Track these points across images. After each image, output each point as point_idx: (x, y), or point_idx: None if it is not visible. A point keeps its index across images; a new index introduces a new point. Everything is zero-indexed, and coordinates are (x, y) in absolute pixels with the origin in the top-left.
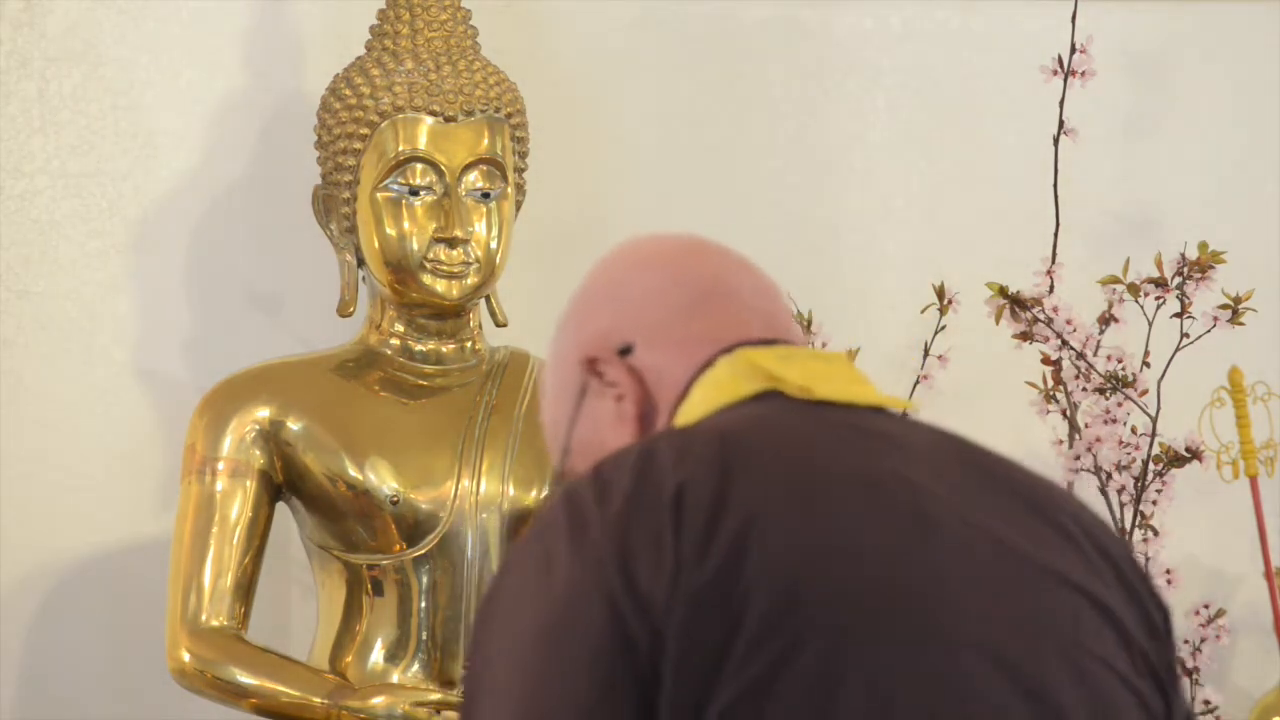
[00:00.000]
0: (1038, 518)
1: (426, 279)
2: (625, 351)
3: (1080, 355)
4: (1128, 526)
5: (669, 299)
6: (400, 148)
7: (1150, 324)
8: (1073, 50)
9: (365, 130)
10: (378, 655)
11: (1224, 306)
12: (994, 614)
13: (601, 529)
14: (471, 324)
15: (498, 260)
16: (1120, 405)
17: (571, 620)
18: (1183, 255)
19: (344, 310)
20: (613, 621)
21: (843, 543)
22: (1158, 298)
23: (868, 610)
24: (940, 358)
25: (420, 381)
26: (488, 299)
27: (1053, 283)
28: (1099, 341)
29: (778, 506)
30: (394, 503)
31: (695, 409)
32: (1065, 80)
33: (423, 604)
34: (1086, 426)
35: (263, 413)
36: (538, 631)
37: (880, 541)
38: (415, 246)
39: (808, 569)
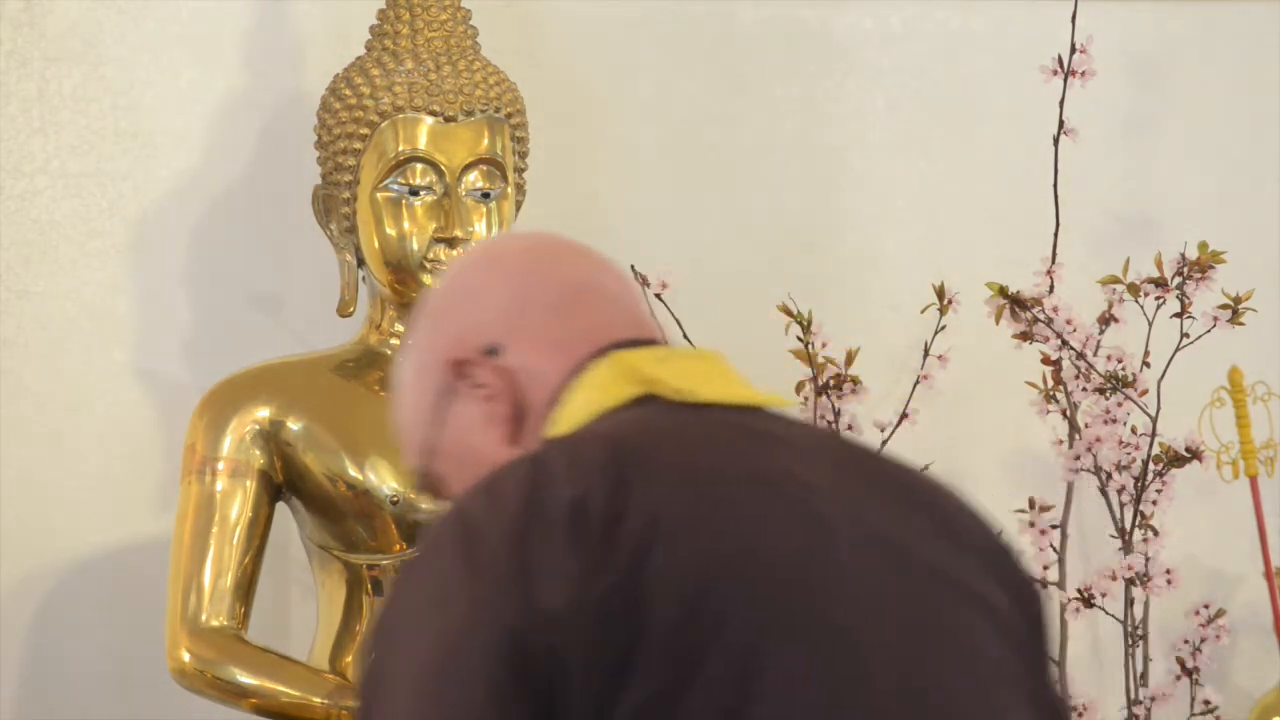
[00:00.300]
0: (919, 513)
1: (426, 279)
2: (492, 352)
3: (1080, 355)
4: (1128, 526)
5: (536, 299)
6: (400, 148)
7: (1150, 324)
8: (1073, 50)
9: (365, 130)
10: None
11: (1224, 306)
12: (891, 614)
13: (495, 546)
14: None
15: None
16: (1120, 405)
17: (467, 646)
18: (1183, 255)
19: (344, 310)
20: (510, 642)
21: (746, 545)
22: (1158, 298)
23: (776, 612)
24: (940, 358)
25: None
26: None
27: (1053, 283)
28: (1099, 341)
29: (678, 511)
30: (394, 503)
31: (575, 414)
32: (1065, 80)
33: None
34: (1086, 426)
35: (263, 413)
36: (433, 657)
37: (783, 542)
38: (415, 246)
39: (713, 573)
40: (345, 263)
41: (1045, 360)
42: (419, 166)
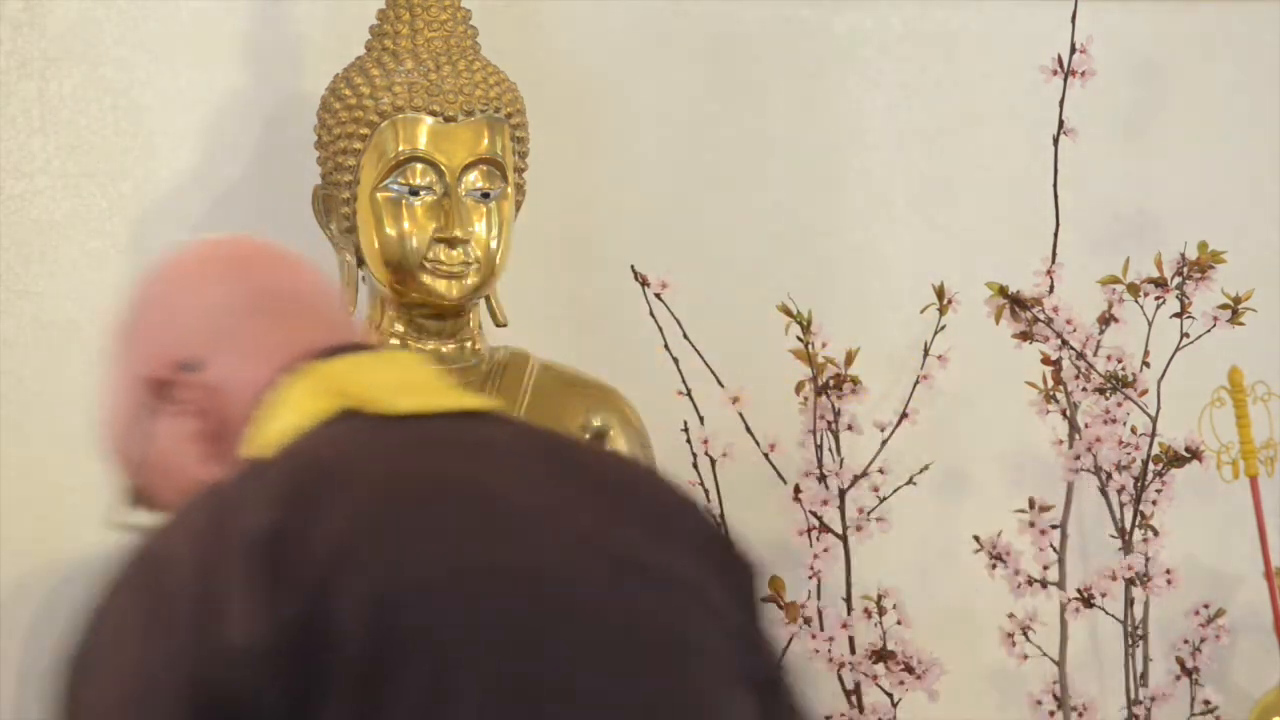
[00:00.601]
0: (626, 507)
1: (426, 279)
2: (191, 368)
3: (1080, 355)
4: (1128, 526)
5: (231, 309)
6: (400, 148)
7: (1150, 324)
8: (1073, 50)
9: (365, 130)
10: None
11: (1224, 306)
12: (596, 613)
13: (179, 583)
14: (471, 324)
15: (497, 260)
16: (1120, 405)
17: (152, 689)
18: (1183, 255)
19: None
20: (192, 685)
21: (437, 564)
22: (1158, 298)
23: (471, 626)
24: (940, 358)
25: None
26: (487, 299)
27: (1053, 283)
28: (1099, 341)
29: (365, 534)
30: None
31: (271, 433)
32: (1065, 80)
33: None
34: (1086, 426)
35: None
36: (121, 698)
37: (476, 557)
38: (415, 246)
39: (401, 595)
40: (345, 263)
41: (1045, 360)
42: (419, 166)
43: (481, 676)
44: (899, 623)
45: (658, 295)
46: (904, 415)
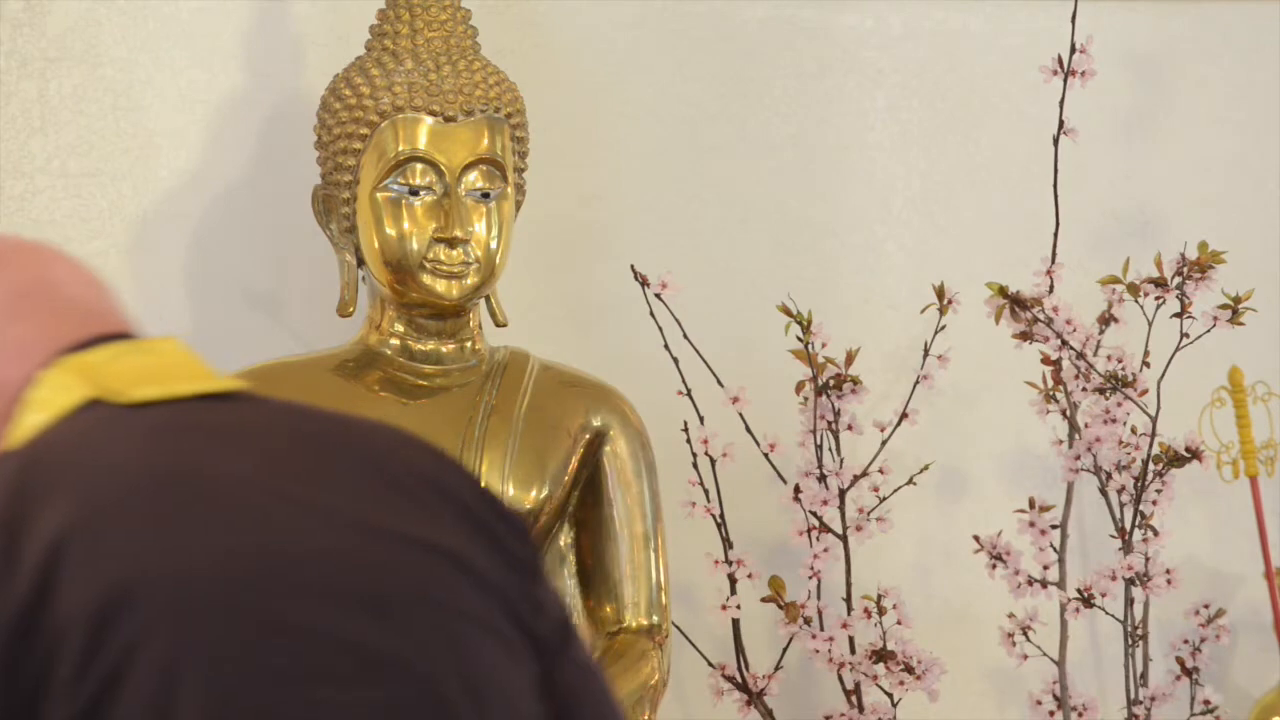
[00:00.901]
0: (382, 482)
1: (426, 279)
2: None
3: (1080, 355)
4: (1128, 526)
5: None
6: (400, 148)
7: (1150, 324)
8: (1073, 50)
9: (365, 130)
10: None
11: (1224, 306)
12: (339, 591)
13: None
14: (471, 324)
15: (497, 260)
16: (1120, 405)
17: None
18: (1183, 255)
19: (344, 310)
20: None
21: (165, 550)
22: (1158, 298)
23: (200, 611)
24: (940, 358)
25: (420, 382)
26: (488, 299)
27: (1053, 283)
28: (1099, 341)
29: (94, 526)
30: None
31: (23, 430)
32: (1065, 80)
33: None
34: (1086, 426)
35: None
36: None
37: (205, 541)
38: (415, 246)
39: (135, 582)
40: (345, 263)
41: (1045, 360)
42: (419, 166)
43: (209, 671)
44: (899, 623)
45: (658, 295)
46: (904, 415)
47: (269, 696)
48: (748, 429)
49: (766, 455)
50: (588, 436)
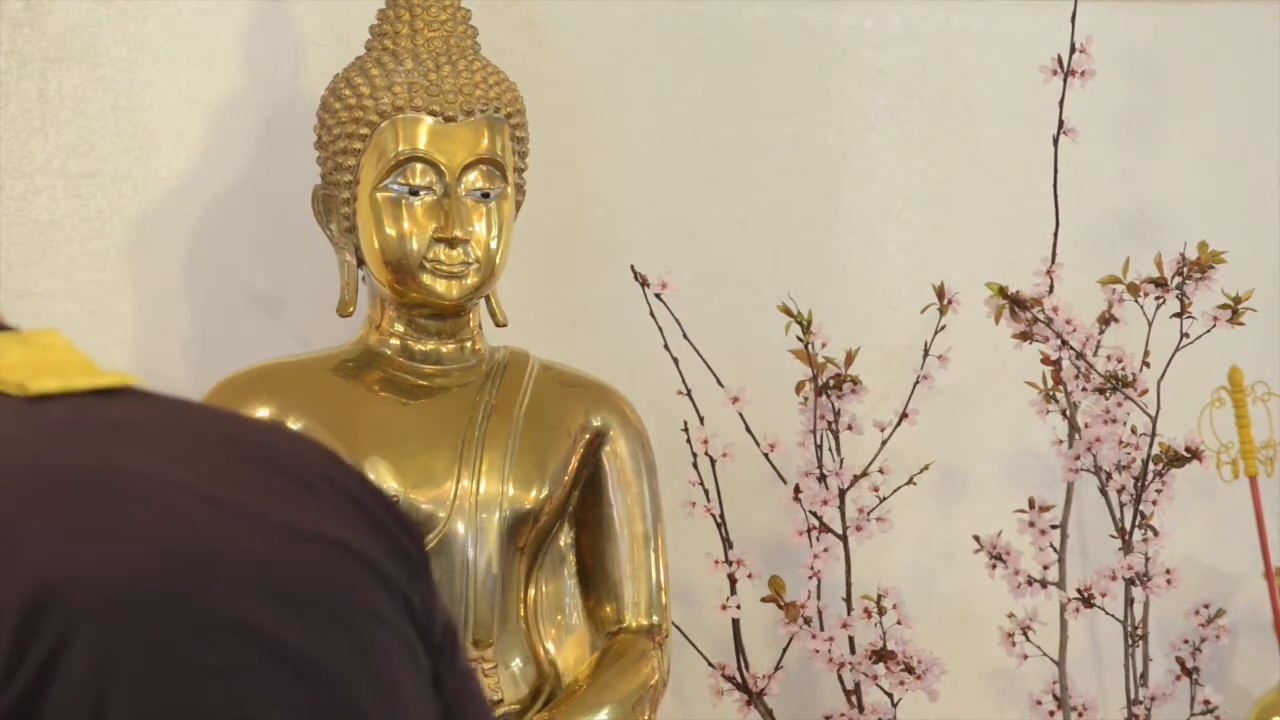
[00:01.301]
0: (287, 480)
1: (426, 279)
2: None
3: (1080, 355)
4: (1128, 526)
5: None
6: (400, 148)
7: (1150, 324)
8: (1073, 50)
9: (365, 130)
10: None
11: (1224, 306)
12: (262, 590)
13: None
14: (471, 324)
15: (497, 260)
16: (1120, 405)
17: None
18: (1183, 255)
19: (344, 310)
20: None
21: (93, 545)
22: (1158, 298)
23: (128, 609)
24: (940, 358)
25: (420, 382)
26: (488, 299)
27: (1053, 283)
28: (1099, 341)
29: (14, 521)
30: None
31: None
32: (1065, 80)
33: None
34: (1086, 426)
35: (262, 413)
36: None
37: (129, 539)
38: (415, 246)
39: (60, 578)
40: (345, 263)
41: (1045, 360)
42: (419, 166)
43: (137, 671)
44: (899, 623)
45: (658, 295)
46: (904, 415)
47: (200, 695)
48: (748, 429)
49: (766, 455)
50: (588, 436)
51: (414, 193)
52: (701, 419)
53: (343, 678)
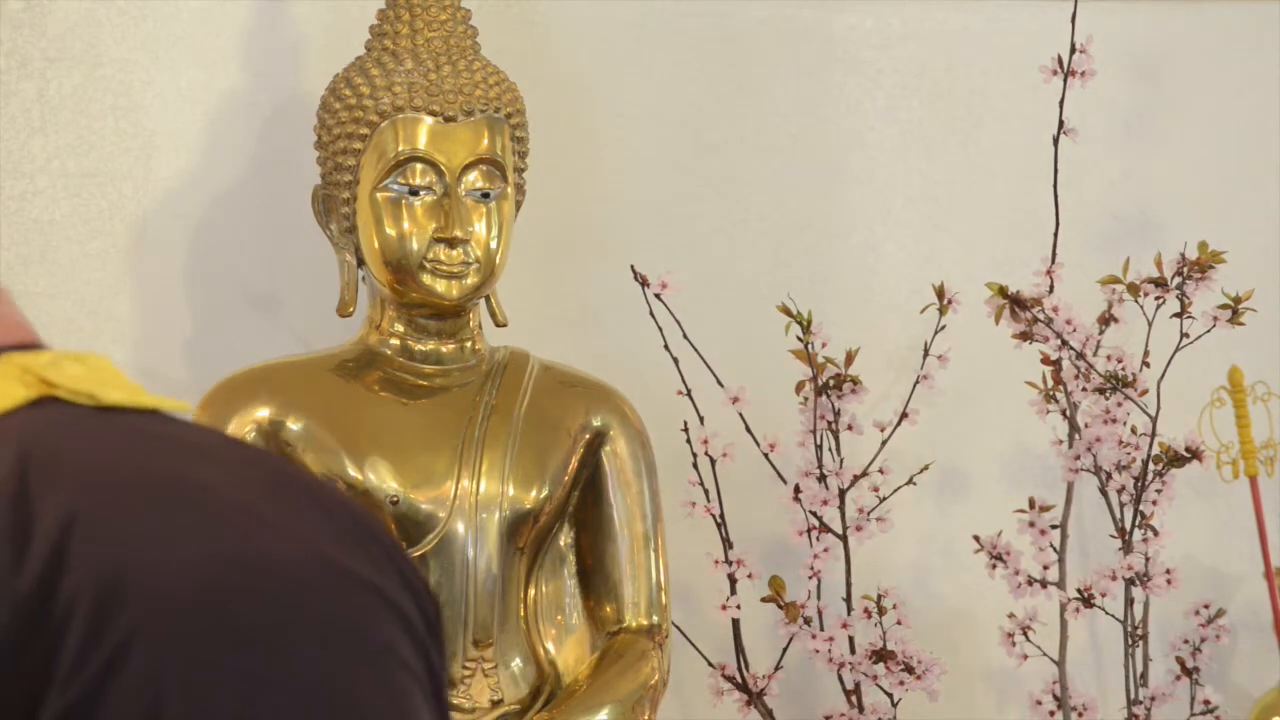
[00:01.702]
0: (320, 512)
1: (426, 279)
2: None
3: (1080, 355)
4: (1128, 526)
5: None
6: (400, 148)
7: (1150, 324)
8: (1073, 50)
9: (365, 130)
10: None
11: (1224, 306)
12: (300, 610)
13: None
14: (471, 324)
15: (497, 260)
16: (1120, 405)
17: None
18: (1183, 255)
19: (344, 310)
20: None
21: (157, 556)
22: (1158, 298)
23: (189, 616)
24: (940, 358)
25: (420, 381)
26: (488, 299)
27: (1053, 283)
28: (1099, 341)
29: (95, 512)
30: (394, 503)
31: None
32: (1065, 80)
33: None
34: (1086, 426)
35: (262, 413)
36: None
37: (189, 544)
38: (415, 246)
39: (130, 575)
40: (345, 263)
41: (1045, 360)
42: (419, 166)
43: (193, 678)
44: (899, 623)
45: (658, 295)
46: (904, 415)
47: (245, 704)
48: (748, 429)
49: (766, 455)
50: (588, 436)
51: (414, 193)
52: (701, 419)
53: (366, 711)
